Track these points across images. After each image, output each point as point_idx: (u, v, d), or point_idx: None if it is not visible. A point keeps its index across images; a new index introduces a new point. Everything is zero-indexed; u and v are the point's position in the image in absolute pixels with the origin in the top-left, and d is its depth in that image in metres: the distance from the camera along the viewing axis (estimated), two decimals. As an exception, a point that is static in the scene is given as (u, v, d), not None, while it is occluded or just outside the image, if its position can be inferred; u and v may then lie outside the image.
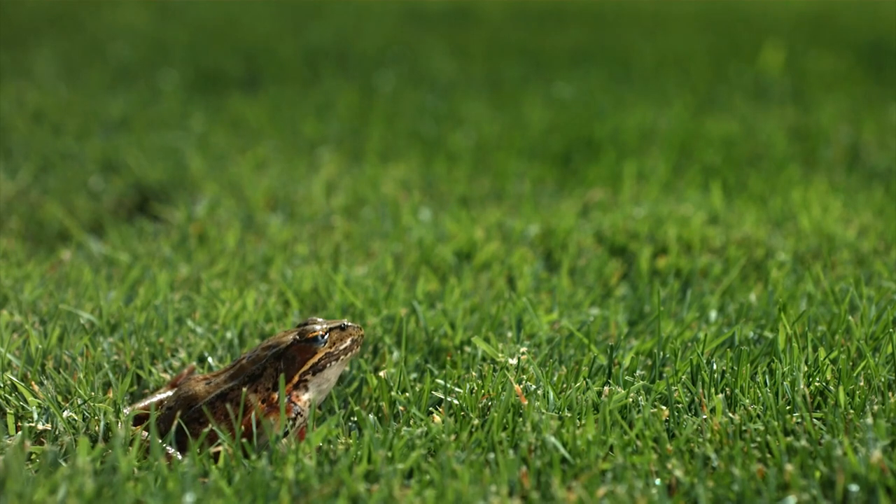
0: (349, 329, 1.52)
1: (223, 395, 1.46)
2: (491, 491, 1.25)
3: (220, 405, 1.45)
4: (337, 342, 1.50)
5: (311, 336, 1.48)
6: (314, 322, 1.52)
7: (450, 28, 5.84)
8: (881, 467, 1.25)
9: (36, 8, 6.43)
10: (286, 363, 1.48)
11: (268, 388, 1.47)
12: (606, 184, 2.82)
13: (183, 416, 1.45)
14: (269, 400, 1.46)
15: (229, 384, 1.47)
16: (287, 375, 1.47)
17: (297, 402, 1.47)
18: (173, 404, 1.48)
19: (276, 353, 1.48)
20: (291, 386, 1.47)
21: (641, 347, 1.69)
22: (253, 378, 1.47)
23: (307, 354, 1.48)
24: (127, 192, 2.82)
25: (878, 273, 2.10)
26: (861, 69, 4.56)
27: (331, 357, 1.49)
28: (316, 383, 1.49)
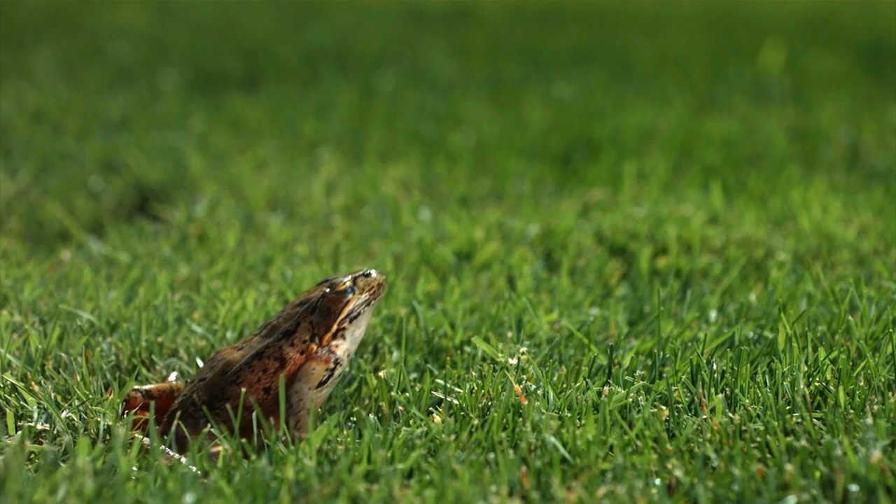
0: (373, 276, 1.55)
1: (259, 353, 1.48)
2: (491, 491, 1.25)
3: (257, 363, 1.47)
4: (365, 289, 1.54)
5: (342, 288, 1.51)
6: (336, 277, 1.55)
7: (450, 28, 5.84)
8: (881, 467, 1.25)
9: (36, 8, 6.43)
10: (321, 315, 1.51)
11: (304, 340, 1.50)
12: (606, 184, 2.82)
13: (220, 382, 1.46)
14: (307, 351, 1.49)
15: (263, 343, 1.49)
16: (325, 326, 1.50)
17: (337, 350, 1.50)
18: (207, 374, 1.48)
19: (309, 307, 1.51)
20: (330, 336, 1.50)
21: (641, 347, 1.69)
22: (288, 334, 1.49)
23: (340, 304, 1.51)
24: (127, 192, 2.82)
25: (878, 273, 2.10)
26: (861, 69, 4.56)
27: (363, 304, 1.53)
28: (351, 331, 1.53)
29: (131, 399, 1.52)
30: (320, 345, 1.50)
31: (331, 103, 3.82)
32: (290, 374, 1.47)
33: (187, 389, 1.49)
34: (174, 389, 1.54)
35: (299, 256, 2.23)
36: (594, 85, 4.19)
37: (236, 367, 1.47)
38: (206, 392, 1.47)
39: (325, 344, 1.50)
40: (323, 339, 1.50)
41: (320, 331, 1.50)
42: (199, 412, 1.46)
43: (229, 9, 6.57)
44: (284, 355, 1.48)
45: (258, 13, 6.39)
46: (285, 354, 1.48)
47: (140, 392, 1.52)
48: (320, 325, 1.50)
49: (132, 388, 1.51)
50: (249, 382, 1.46)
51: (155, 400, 1.52)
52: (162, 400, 1.53)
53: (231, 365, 1.48)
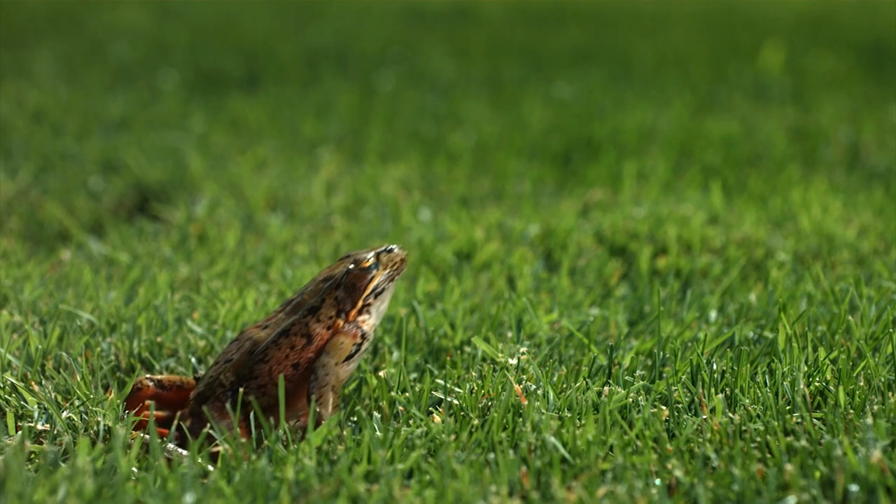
0: (395, 251, 1.56)
1: (286, 331, 1.48)
2: (491, 491, 1.25)
3: (284, 341, 1.48)
4: (388, 265, 1.54)
5: (366, 265, 1.52)
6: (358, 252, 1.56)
7: (450, 28, 5.84)
8: (881, 467, 1.25)
9: (36, 8, 6.43)
10: (346, 291, 1.51)
11: (330, 316, 1.50)
12: (606, 184, 2.82)
13: (247, 361, 1.47)
14: (334, 327, 1.49)
15: (289, 320, 1.49)
16: (351, 302, 1.51)
17: (363, 325, 1.51)
18: (233, 355, 1.48)
19: (333, 283, 1.51)
20: (356, 312, 1.51)
21: (641, 347, 1.69)
22: (313, 310, 1.50)
23: (365, 280, 1.52)
24: (127, 192, 2.82)
25: (878, 273, 2.10)
26: (861, 69, 4.56)
27: (386, 279, 1.54)
28: (376, 306, 1.53)
29: (143, 388, 1.51)
30: (347, 320, 1.50)
31: (331, 103, 3.82)
32: (316, 351, 1.48)
33: (213, 371, 1.49)
34: (184, 381, 1.54)
35: (299, 256, 2.23)
36: (594, 85, 4.19)
37: (263, 345, 1.48)
38: (234, 372, 1.47)
39: (351, 320, 1.50)
40: (349, 314, 1.51)
41: (346, 307, 1.51)
42: (227, 394, 1.46)
43: (229, 9, 6.57)
44: (311, 331, 1.49)
45: (258, 13, 6.39)
46: (312, 331, 1.49)
47: (152, 381, 1.52)
48: (346, 301, 1.51)
49: (144, 377, 1.51)
50: (277, 360, 1.47)
51: (165, 390, 1.52)
52: (172, 391, 1.53)
53: (258, 344, 1.48)
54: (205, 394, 1.48)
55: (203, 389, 1.48)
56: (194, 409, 1.47)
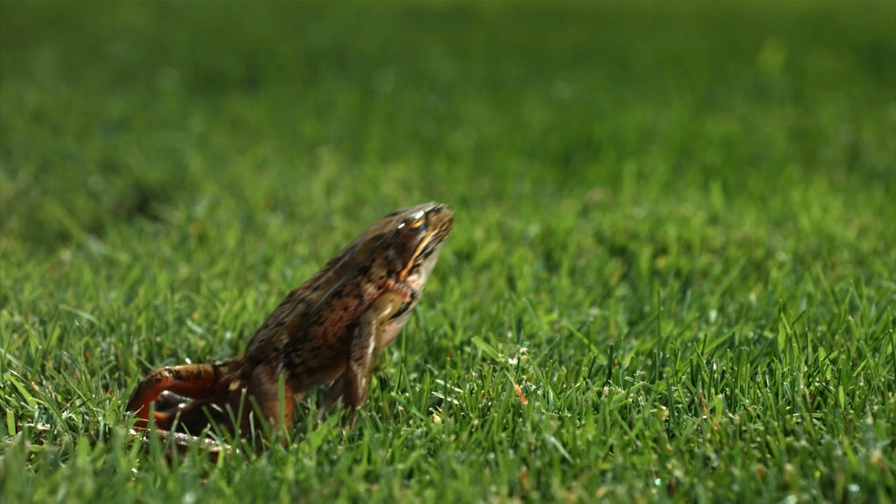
0: (443, 211, 1.55)
1: (338, 292, 1.48)
2: (491, 491, 1.25)
3: (337, 302, 1.48)
4: (437, 225, 1.54)
5: (416, 225, 1.52)
6: (405, 211, 1.55)
7: (450, 28, 5.84)
8: (881, 467, 1.25)
9: (36, 8, 6.43)
10: (397, 251, 1.51)
11: (381, 276, 1.50)
12: (606, 184, 2.82)
13: (302, 324, 1.47)
14: (384, 287, 1.50)
15: (340, 281, 1.49)
16: (401, 262, 1.51)
17: (413, 285, 1.51)
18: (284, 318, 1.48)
19: (383, 243, 1.51)
20: (406, 272, 1.51)
21: (641, 347, 1.69)
22: (364, 270, 1.50)
23: (415, 240, 1.52)
24: (127, 192, 2.82)
25: (878, 273, 2.10)
26: (861, 69, 4.56)
27: (435, 240, 1.54)
28: (426, 266, 1.53)
29: (162, 380, 1.50)
30: (397, 280, 1.51)
31: (331, 103, 3.82)
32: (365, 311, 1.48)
33: (263, 334, 1.49)
34: (202, 371, 1.53)
35: (299, 256, 2.23)
36: (594, 85, 4.19)
37: (316, 307, 1.48)
38: (288, 334, 1.47)
39: (401, 280, 1.51)
40: (399, 274, 1.51)
41: (397, 267, 1.51)
42: (279, 357, 1.46)
43: (229, 9, 6.57)
44: (362, 292, 1.48)
45: (258, 13, 6.39)
46: (363, 291, 1.49)
47: (170, 372, 1.51)
48: (396, 262, 1.51)
49: (163, 368, 1.51)
50: (332, 321, 1.47)
51: (183, 380, 1.52)
52: (190, 381, 1.52)
53: (311, 305, 1.48)
54: (257, 357, 1.48)
55: (255, 352, 1.48)
56: (246, 371, 1.47)
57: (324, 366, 1.48)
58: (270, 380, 1.45)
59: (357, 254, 1.51)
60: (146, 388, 1.50)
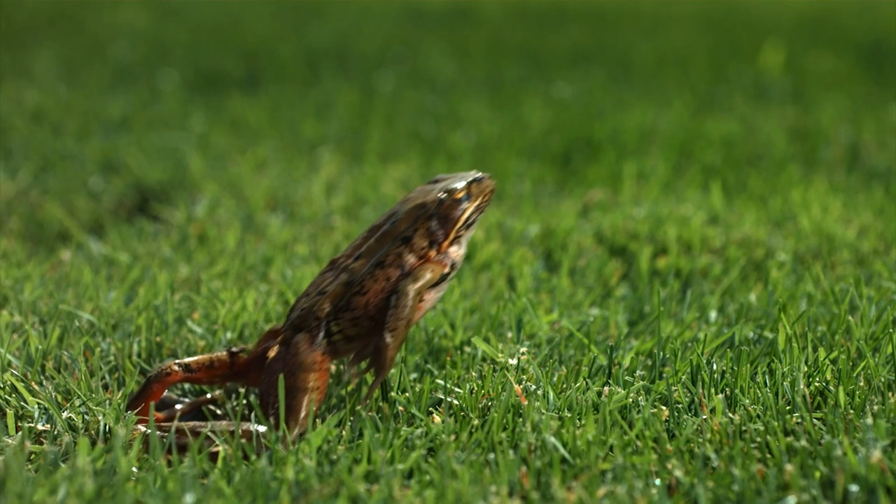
0: (485, 181, 1.55)
1: (380, 262, 1.48)
2: (491, 491, 1.25)
3: (379, 272, 1.48)
4: (479, 195, 1.54)
5: (459, 196, 1.51)
6: (446, 179, 1.55)
7: (450, 28, 5.84)
8: (881, 467, 1.25)
9: (36, 8, 6.43)
10: (440, 222, 1.50)
11: (423, 247, 1.50)
12: (606, 184, 2.82)
13: (344, 293, 1.47)
14: (426, 258, 1.50)
15: (382, 251, 1.49)
16: (443, 234, 1.50)
17: (454, 256, 1.51)
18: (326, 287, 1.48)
19: (426, 213, 1.50)
20: (448, 243, 1.51)
21: (641, 347, 1.69)
22: (406, 240, 1.49)
23: (457, 212, 1.51)
24: (127, 192, 2.82)
25: (878, 273, 2.10)
26: (861, 69, 4.56)
27: (476, 211, 1.53)
28: (466, 237, 1.53)
29: (172, 374, 1.49)
30: (438, 251, 1.50)
31: (331, 103, 3.82)
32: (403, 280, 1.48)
33: (304, 302, 1.49)
34: (215, 361, 1.53)
35: (299, 256, 2.23)
36: (594, 85, 4.19)
37: (359, 276, 1.47)
38: (331, 303, 1.47)
39: (443, 251, 1.50)
40: (441, 246, 1.50)
41: (438, 238, 1.50)
42: (320, 325, 1.47)
43: (229, 9, 6.57)
44: (404, 262, 1.48)
45: (258, 13, 6.39)
46: (405, 261, 1.48)
47: (179, 366, 1.50)
48: (438, 233, 1.50)
49: (172, 363, 1.50)
50: (374, 292, 1.47)
51: (194, 373, 1.51)
52: (202, 372, 1.52)
53: (354, 274, 1.48)
54: (298, 325, 1.48)
55: (296, 320, 1.48)
56: (287, 339, 1.48)
57: (362, 334, 1.48)
58: (309, 349, 1.45)
59: (399, 222, 1.50)
60: (155, 382, 1.49)
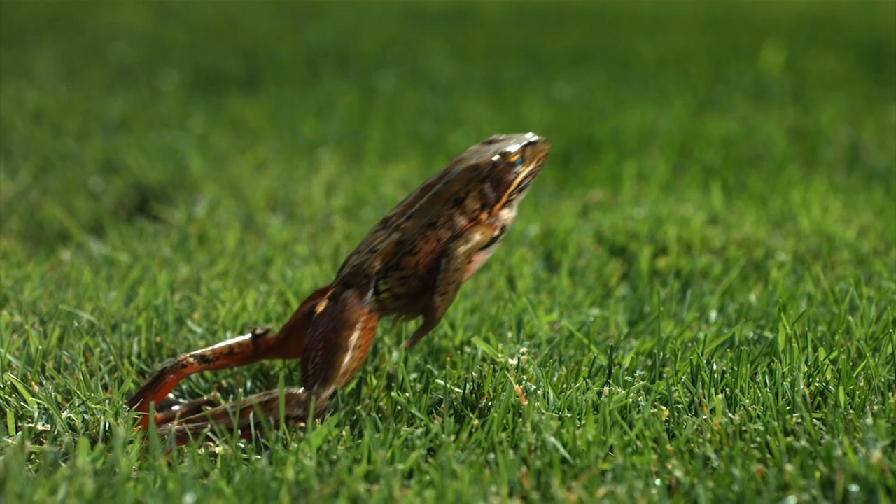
0: (539, 144, 1.53)
1: (432, 223, 1.47)
2: (491, 491, 1.25)
3: (430, 233, 1.47)
4: (532, 158, 1.52)
5: (513, 159, 1.50)
6: (501, 141, 1.53)
7: (450, 28, 5.84)
8: (881, 467, 1.25)
9: (36, 8, 6.43)
10: (492, 185, 1.49)
11: (474, 209, 1.49)
12: (606, 184, 2.82)
13: (396, 251, 1.47)
14: (477, 220, 1.49)
15: (434, 210, 1.48)
16: (495, 197, 1.49)
17: (505, 219, 1.50)
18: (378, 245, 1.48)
19: (479, 175, 1.49)
20: (499, 206, 1.50)
21: (641, 348, 1.69)
22: (458, 202, 1.48)
23: (510, 175, 1.50)
24: (127, 193, 2.82)
25: (878, 273, 2.10)
26: (861, 69, 4.56)
27: (532, 174, 1.52)
28: (518, 200, 1.52)
29: (188, 366, 1.48)
30: (490, 214, 1.50)
31: (331, 103, 3.82)
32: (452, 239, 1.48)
33: (355, 259, 1.49)
34: (235, 347, 1.52)
35: (299, 257, 2.23)
36: (594, 85, 4.19)
37: (411, 236, 1.47)
38: (381, 261, 1.47)
39: (494, 214, 1.50)
40: (493, 209, 1.50)
41: (490, 201, 1.49)
42: (370, 283, 1.47)
43: (229, 9, 6.57)
44: (455, 224, 1.48)
45: (258, 13, 6.39)
46: (457, 223, 1.48)
47: (194, 358, 1.49)
48: (490, 196, 1.49)
49: (187, 355, 1.49)
50: (425, 252, 1.47)
51: (211, 363, 1.50)
52: (220, 360, 1.51)
53: (406, 234, 1.48)
54: (348, 282, 1.48)
55: (347, 277, 1.48)
56: (336, 293, 1.48)
57: (409, 293, 1.48)
58: (357, 306, 1.45)
59: (452, 183, 1.49)
60: (170, 373, 1.48)
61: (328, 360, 1.42)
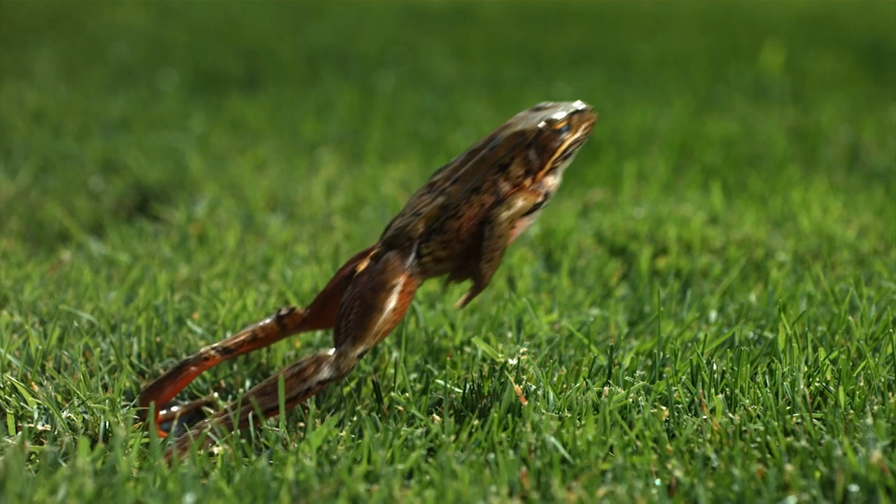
0: (586, 112, 1.53)
1: (476, 188, 1.47)
2: (491, 491, 1.25)
3: (475, 198, 1.47)
4: (577, 127, 1.52)
5: (559, 126, 1.50)
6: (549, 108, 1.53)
7: (450, 28, 5.84)
8: (881, 467, 1.25)
9: (36, 8, 6.43)
10: (537, 152, 1.49)
11: (518, 175, 1.49)
12: (606, 184, 2.82)
13: (440, 215, 1.47)
14: (521, 186, 1.49)
15: (478, 175, 1.48)
16: (540, 164, 1.49)
17: (549, 186, 1.50)
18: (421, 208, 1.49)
19: (524, 141, 1.49)
20: (543, 173, 1.50)
21: (641, 348, 1.69)
22: (502, 167, 1.48)
23: (556, 142, 1.50)
24: (127, 193, 2.82)
25: (878, 273, 2.10)
26: (861, 69, 4.56)
27: (577, 142, 1.52)
28: (563, 168, 1.52)
29: (209, 359, 1.48)
30: (534, 180, 1.49)
31: (331, 103, 3.82)
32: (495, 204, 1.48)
33: (399, 221, 1.49)
34: (258, 332, 1.51)
35: (299, 257, 2.23)
36: (594, 85, 4.19)
37: (455, 200, 1.47)
38: (425, 224, 1.47)
39: (538, 180, 1.49)
40: (537, 175, 1.49)
41: (535, 167, 1.49)
42: (413, 245, 1.47)
43: (229, 9, 6.57)
44: (499, 190, 1.48)
45: (258, 13, 6.39)
46: (500, 189, 1.48)
47: (217, 350, 1.49)
48: (535, 162, 1.49)
49: (208, 347, 1.49)
50: (468, 217, 1.47)
51: (233, 353, 1.50)
52: (244, 347, 1.51)
53: (451, 198, 1.48)
54: (391, 243, 1.48)
55: (390, 238, 1.49)
56: (379, 254, 1.48)
57: (451, 256, 1.49)
58: (399, 268, 1.46)
59: (497, 149, 1.49)
60: (192, 365, 1.48)
61: (362, 319, 1.42)
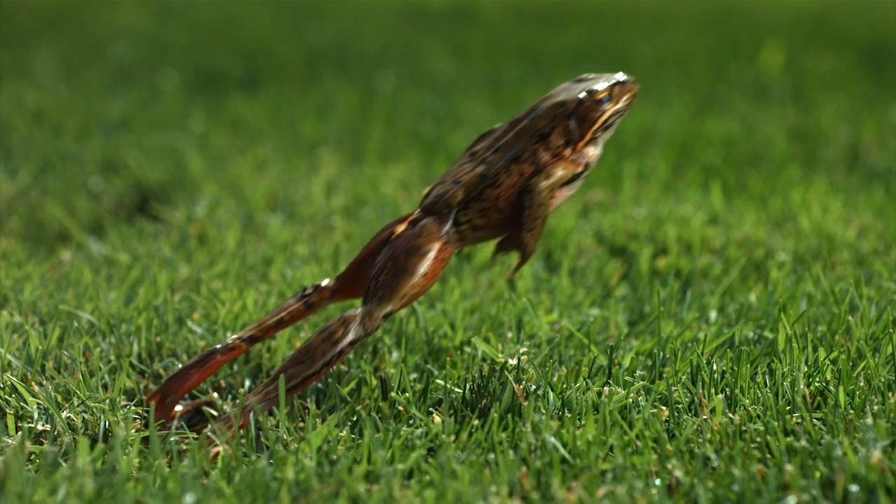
0: (628, 83, 1.53)
1: (516, 157, 1.47)
2: (491, 491, 1.25)
3: (514, 167, 1.47)
4: (618, 98, 1.52)
5: (600, 97, 1.50)
6: (590, 79, 1.53)
7: (450, 28, 5.84)
8: (881, 467, 1.25)
9: (36, 8, 6.43)
10: (577, 122, 1.49)
11: (558, 145, 1.49)
12: (606, 184, 2.82)
13: (479, 183, 1.47)
14: (560, 156, 1.49)
15: (519, 145, 1.48)
16: (580, 134, 1.49)
17: (589, 156, 1.50)
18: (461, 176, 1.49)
19: (564, 112, 1.49)
20: (583, 144, 1.50)
21: (641, 348, 1.69)
22: (543, 137, 1.48)
23: (596, 113, 1.50)
24: (127, 193, 2.82)
25: (878, 273, 2.10)
26: (861, 69, 4.56)
27: (618, 113, 1.52)
28: (603, 138, 1.52)
29: (236, 348, 1.49)
30: (574, 150, 1.49)
31: (331, 103, 3.82)
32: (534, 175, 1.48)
33: (438, 189, 1.50)
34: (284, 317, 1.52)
35: (299, 257, 2.23)
36: (594, 85, 4.18)
37: (495, 169, 1.47)
38: (464, 192, 1.47)
39: (578, 150, 1.49)
40: (577, 145, 1.49)
41: (575, 137, 1.49)
42: (451, 213, 1.47)
43: (229, 9, 6.57)
44: (539, 159, 1.48)
45: (258, 13, 6.39)
46: (540, 159, 1.48)
47: (242, 340, 1.50)
48: (575, 133, 1.49)
49: (234, 337, 1.50)
50: (507, 186, 1.47)
51: (261, 339, 1.51)
52: (269, 332, 1.52)
53: (491, 167, 1.48)
54: (430, 210, 1.49)
55: (429, 205, 1.49)
56: (417, 218, 1.49)
57: (489, 224, 1.49)
58: (435, 234, 1.46)
59: (538, 119, 1.49)
60: (219, 353, 1.49)
61: (391, 280, 1.43)
